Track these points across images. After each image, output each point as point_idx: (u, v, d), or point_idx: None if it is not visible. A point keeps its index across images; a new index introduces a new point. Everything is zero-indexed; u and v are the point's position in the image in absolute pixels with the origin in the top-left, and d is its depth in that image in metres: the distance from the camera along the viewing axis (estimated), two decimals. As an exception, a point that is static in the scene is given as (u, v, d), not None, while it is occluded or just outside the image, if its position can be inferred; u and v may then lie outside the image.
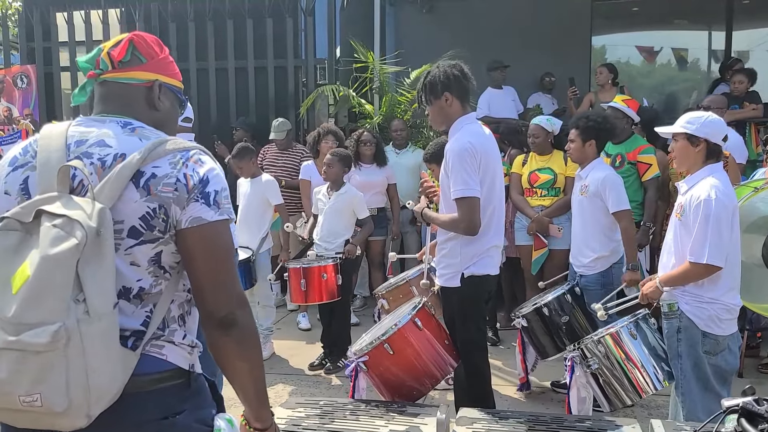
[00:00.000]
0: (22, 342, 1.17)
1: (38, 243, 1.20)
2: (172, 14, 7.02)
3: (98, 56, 1.45)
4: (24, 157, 1.39)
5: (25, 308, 1.17)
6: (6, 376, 1.18)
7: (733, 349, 2.83)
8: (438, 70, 2.96)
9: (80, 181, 1.33)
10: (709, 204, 2.65)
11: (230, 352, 1.39)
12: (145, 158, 1.33)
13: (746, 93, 5.76)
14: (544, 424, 2.53)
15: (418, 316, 3.03)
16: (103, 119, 1.43)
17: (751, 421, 1.30)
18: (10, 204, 1.35)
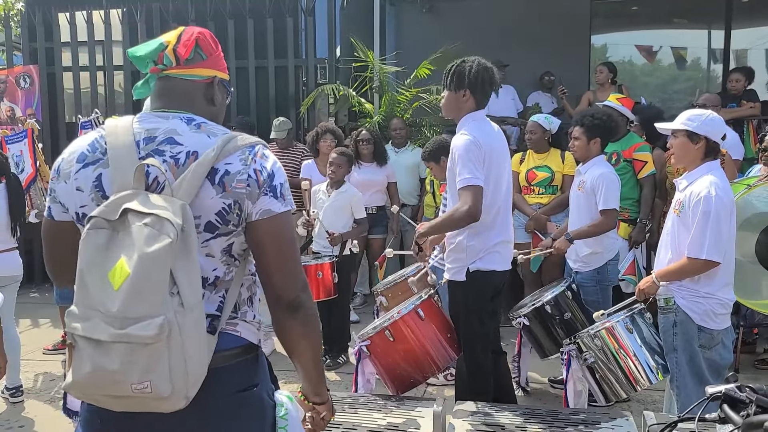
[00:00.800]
0: (130, 335, 1.24)
1: (129, 240, 1.26)
2: (173, 14, 7.07)
3: (161, 51, 1.46)
4: (93, 153, 1.41)
5: (129, 303, 1.24)
6: (118, 366, 1.24)
7: (727, 343, 2.87)
8: (470, 66, 2.96)
9: (155, 179, 1.38)
10: (709, 201, 2.69)
11: (296, 333, 1.48)
12: (218, 156, 1.38)
13: (744, 91, 5.79)
14: (539, 417, 2.57)
15: (421, 307, 3.08)
16: (166, 115, 1.45)
17: (734, 407, 1.33)
18: (83, 200, 1.40)
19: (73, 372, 1.28)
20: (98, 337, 1.25)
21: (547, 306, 3.57)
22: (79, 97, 7.48)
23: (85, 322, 1.26)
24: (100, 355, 1.25)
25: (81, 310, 1.27)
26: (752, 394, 1.31)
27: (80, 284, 1.27)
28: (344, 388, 4.15)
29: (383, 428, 2.46)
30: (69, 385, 1.30)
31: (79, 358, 1.27)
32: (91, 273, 1.26)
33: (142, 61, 1.49)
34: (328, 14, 6.87)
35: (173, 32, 1.51)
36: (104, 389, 1.28)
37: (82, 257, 1.28)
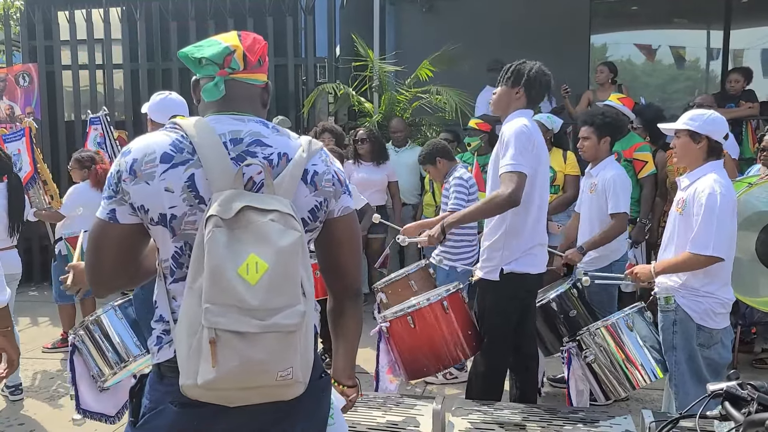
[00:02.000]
0: (278, 324, 1.29)
1: (254, 237, 1.30)
2: (173, 13, 7.07)
3: (228, 55, 1.48)
4: (181, 154, 1.40)
5: (271, 296, 1.29)
6: (267, 356, 1.29)
7: (726, 342, 2.88)
8: (530, 67, 3.00)
9: (250, 179, 1.42)
10: (714, 198, 2.70)
11: (356, 318, 1.65)
12: (309, 157, 1.48)
13: (742, 91, 5.80)
14: (538, 415, 2.57)
15: (448, 299, 3.09)
16: (241, 118, 1.49)
17: (735, 405, 1.34)
18: (173, 201, 1.39)
19: (218, 367, 1.27)
20: (245, 329, 1.27)
21: (552, 304, 3.57)
22: (78, 96, 7.48)
23: (225, 317, 1.27)
24: (249, 346, 1.28)
25: (217, 308, 1.27)
26: (754, 392, 1.31)
27: (213, 282, 1.27)
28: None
29: (383, 426, 2.47)
30: (208, 382, 1.28)
31: (226, 352, 1.27)
32: (225, 270, 1.27)
33: (202, 62, 1.49)
34: (327, 13, 6.87)
35: (230, 35, 1.53)
36: (250, 381, 1.31)
37: (214, 256, 1.28)
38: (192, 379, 1.29)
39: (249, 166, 1.41)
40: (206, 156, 1.39)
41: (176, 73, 7.11)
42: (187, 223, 1.40)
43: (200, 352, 1.28)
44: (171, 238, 1.42)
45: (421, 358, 3.06)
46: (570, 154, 4.74)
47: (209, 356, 1.26)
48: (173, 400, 1.39)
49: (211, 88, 1.49)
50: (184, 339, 1.32)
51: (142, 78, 7.24)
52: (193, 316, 1.31)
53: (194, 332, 1.30)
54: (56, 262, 4.88)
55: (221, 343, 1.27)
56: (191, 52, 1.51)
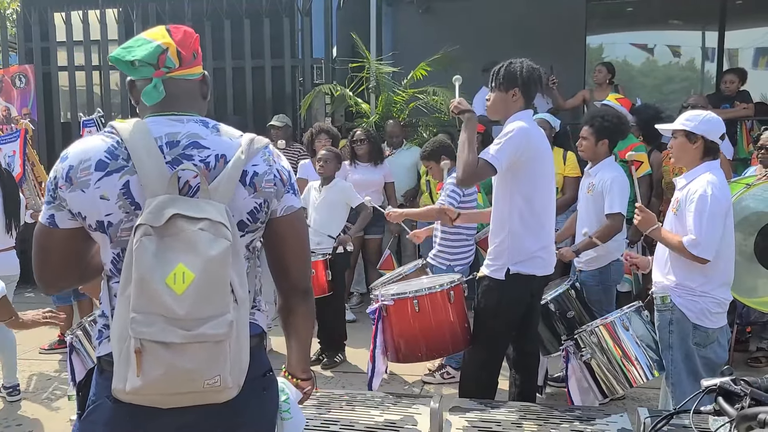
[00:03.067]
0: (205, 334, 1.30)
1: (183, 245, 1.30)
2: (169, 14, 7.07)
3: (161, 54, 1.46)
4: (116, 161, 1.40)
5: (198, 305, 1.30)
6: (194, 365, 1.30)
7: (722, 341, 2.90)
8: (520, 67, 2.97)
9: (186, 183, 1.41)
10: (705, 199, 2.72)
11: (306, 316, 1.64)
12: (248, 158, 1.45)
13: (737, 92, 5.83)
14: (535, 414, 2.59)
15: (454, 290, 3.11)
16: (180, 118, 1.48)
17: (729, 400, 1.35)
18: (108, 208, 1.39)
19: (143, 376, 1.29)
20: (171, 340, 1.28)
21: (550, 304, 3.58)
22: (74, 97, 7.47)
23: (151, 327, 1.28)
24: (174, 356, 1.29)
25: (143, 317, 1.28)
26: (747, 387, 1.33)
27: (140, 292, 1.28)
28: (341, 387, 4.16)
29: (380, 425, 2.47)
30: (135, 390, 1.30)
31: (150, 361, 1.28)
32: (153, 280, 1.28)
33: (136, 64, 1.46)
34: (324, 14, 6.88)
35: (157, 31, 1.50)
36: (176, 388, 1.32)
37: (141, 265, 1.28)
38: (121, 383, 1.31)
39: (185, 171, 1.40)
40: (141, 161, 1.38)
41: (172, 75, 7.10)
42: (123, 230, 1.40)
43: (128, 359, 1.30)
44: (109, 245, 1.43)
45: (419, 343, 3.07)
46: (570, 155, 4.74)
47: (134, 364, 1.29)
48: (109, 394, 1.39)
49: (150, 90, 1.47)
50: (116, 344, 1.34)
51: (139, 79, 7.23)
52: (123, 324, 1.32)
53: (123, 339, 1.31)
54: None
55: (146, 352, 1.28)
56: (121, 54, 1.47)
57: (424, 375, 4.26)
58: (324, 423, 2.47)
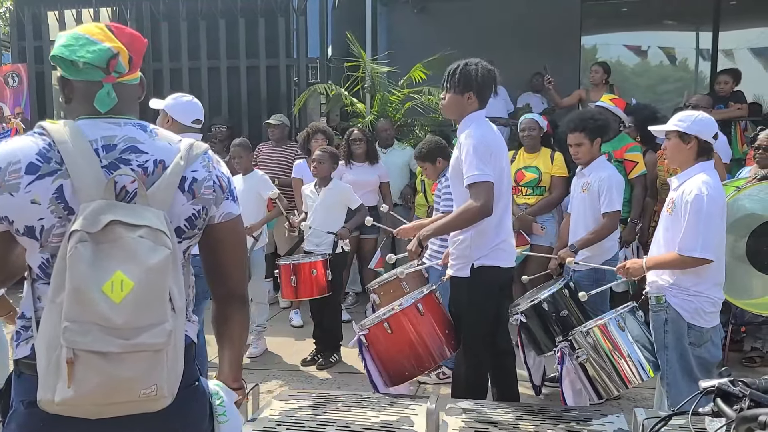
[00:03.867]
0: (145, 344, 1.28)
1: (121, 253, 1.27)
2: (164, 13, 7.04)
3: (111, 58, 1.41)
4: (48, 164, 1.34)
5: (136, 314, 1.27)
6: (132, 374, 1.28)
7: (716, 341, 2.91)
8: (476, 70, 2.98)
9: (122, 188, 1.38)
10: (701, 199, 2.72)
11: (241, 324, 1.63)
12: (187, 163, 1.44)
13: (731, 93, 5.85)
14: (531, 414, 2.59)
15: (422, 301, 3.10)
16: (116, 121, 1.44)
17: (727, 401, 1.35)
18: (40, 213, 1.34)
19: (75, 386, 1.25)
20: (108, 349, 1.26)
21: (544, 303, 3.58)
22: (68, 96, 7.43)
23: (86, 336, 1.24)
24: (111, 366, 1.26)
25: (77, 326, 1.25)
26: (745, 389, 1.33)
27: (75, 300, 1.24)
28: (336, 387, 4.15)
29: (377, 426, 2.47)
30: (66, 400, 1.25)
31: (84, 371, 1.25)
32: (88, 289, 1.24)
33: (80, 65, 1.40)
34: (319, 14, 6.87)
35: (98, 30, 1.44)
36: (112, 398, 1.29)
37: (76, 273, 1.25)
38: (49, 394, 1.27)
39: (122, 176, 1.36)
40: (75, 165, 1.33)
41: (167, 74, 7.08)
42: (54, 236, 1.35)
43: (58, 369, 1.26)
44: (38, 250, 1.38)
45: (403, 362, 3.08)
46: (557, 155, 4.75)
47: (65, 375, 1.24)
48: (23, 399, 1.36)
49: (104, 97, 1.43)
50: (43, 353, 1.29)
51: (133, 78, 7.20)
52: (52, 332, 1.27)
53: (53, 348, 1.27)
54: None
55: (80, 362, 1.25)
56: (63, 53, 1.41)
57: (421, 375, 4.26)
58: (320, 424, 2.46)
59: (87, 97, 1.44)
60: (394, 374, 3.10)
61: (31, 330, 1.40)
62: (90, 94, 1.43)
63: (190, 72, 6.98)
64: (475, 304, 3.06)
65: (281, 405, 2.66)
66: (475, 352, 3.11)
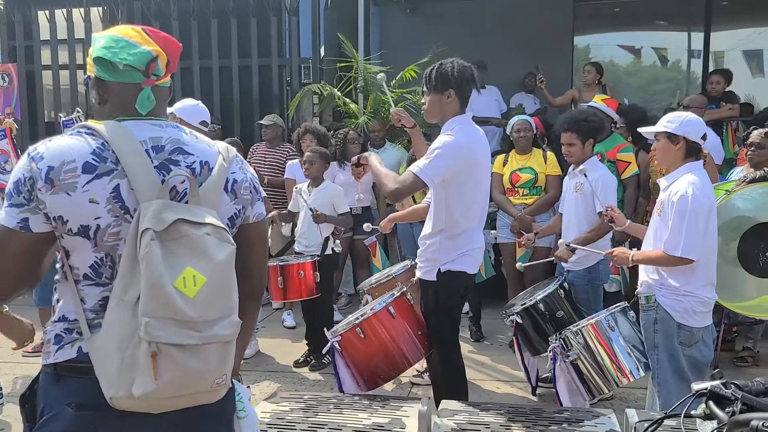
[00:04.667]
0: (217, 335, 1.34)
1: (188, 250, 1.32)
2: (155, 13, 7.01)
3: (151, 61, 1.44)
4: (104, 164, 1.36)
5: (209, 307, 1.33)
6: (207, 366, 1.34)
7: (707, 341, 2.92)
8: (452, 67, 2.95)
9: (173, 188, 1.41)
10: (686, 200, 2.73)
11: (252, 319, 1.69)
12: (228, 165, 1.50)
13: (723, 93, 5.86)
14: (523, 415, 2.58)
15: (392, 305, 3.13)
16: (159, 123, 1.48)
17: (719, 404, 1.34)
18: (97, 212, 1.35)
19: (159, 379, 1.28)
20: (186, 342, 1.30)
21: (540, 304, 3.59)
22: (58, 96, 7.39)
23: (164, 330, 1.28)
24: (189, 358, 1.31)
25: (156, 321, 1.28)
26: (738, 392, 1.32)
27: (152, 296, 1.28)
28: (329, 389, 4.13)
29: (368, 428, 2.45)
30: (148, 394, 1.28)
31: (166, 364, 1.29)
32: (164, 285, 1.28)
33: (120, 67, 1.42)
34: (312, 14, 6.85)
35: (135, 33, 1.46)
36: (188, 389, 1.34)
37: (153, 270, 1.28)
38: (124, 390, 1.29)
39: (177, 176, 1.41)
40: (130, 165, 1.36)
41: (159, 74, 7.04)
42: (110, 235, 1.37)
43: (134, 364, 1.28)
44: (91, 249, 1.38)
45: (378, 366, 3.10)
46: (550, 154, 4.76)
47: (148, 369, 1.27)
48: (70, 402, 1.36)
49: (145, 100, 1.46)
50: (114, 352, 1.30)
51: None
52: (125, 330, 1.30)
53: (126, 346, 1.29)
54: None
55: (164, 355, 1.28)
56: (106, 54, 1.42)
57: (413, 376, 4.25)
58: (311, 426, 2.45)
59: (124, 99, 1.46)
60: (369, 378, 3.12)
61: (75, 332, 1.40)
62: (127, 96, 1.46)
63: (182, 72, 6.95)
64: (443, 306, 3.09)
65: (272, 407, 2.64)
66: (447, 352, 3.14)
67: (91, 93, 1.50)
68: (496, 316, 4.75)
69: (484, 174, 3.07)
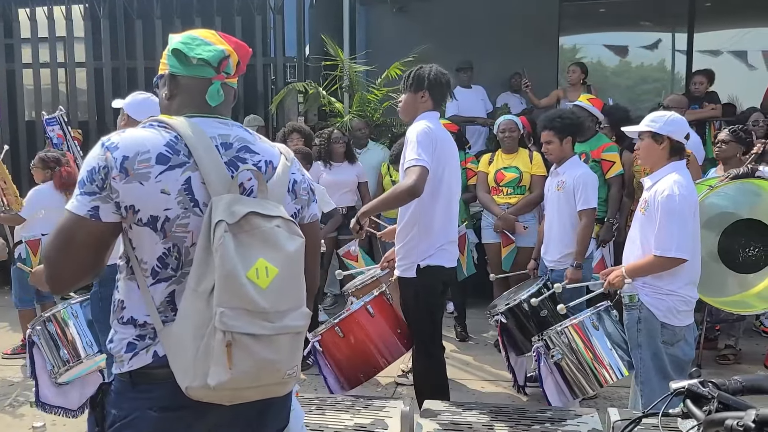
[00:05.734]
0: (289, 326, 1.37)
1: (259, 242, 1.34)
2: (138, 11, 6.93)
3: (225, 59, 1.49)
4: (177, 156, 1.40)
5: (281, 298, 1.35)
6: (280, 356, 1.35)
7: (689, 339, 2.93)
8: (429, 70, 3.09)
9: (240, 184, 1.44)
10: (673, 199, 2.74)
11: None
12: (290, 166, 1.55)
13: (706, 93, 5.91)
14: (506, 415, 2.58)
15: (371, 304, 3.15)
16: (225, 122, 1.53)
17: (696, 403, 1.34)
18: (168, 203, 1.38)
19: (234, 368, 1.30)
20: (260, 332, 1.32)
21: (524, 304, 3.59)
22: (39, 95, 7.29)
23: (238, 320, 1.30)
24: (263, 348, 1.32)
25: (230, 311, 1.30)
26: (714, 390, 1.31)
27: (226, 287, 1.30)
28: (312, 390, 4.11)
29: (350, 429, 2.44)
30: (224, 383, 1.30)
31: (241, 354, 1.30)
32: (239, 275, 1.30)
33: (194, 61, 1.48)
34: (297, 13, 6.81)
35: (209, 35, 1.53)
36: (261, 380, 1.35)
37: (227, 261, 1.30)
38: (200, 380, 1.31)
39: (244, 172, 1.45)
40: (203, 160, 1.40)
41: (142, 72, 6.97)
42: (178, 226, 1.39)
43: (209, 354, 1.30)
44: (160, 240, 1.40)
45: (357, 365, 3.12)
46: (536, 154, 4.76)
47: (222, 358, 1.29)
48: (152, 406, 1.38)
49: (215, 93, 1.51)
50: (189, 341, 1.33)
51: (106, 77, 7.08)
52: (199, 319, 1.32)
53: (201, 335, 1.31)
54: (15, 266, 4.74)
55: (238, 345, 1.30)
56: (183, 48, 1.49)
57: (398, 376, 4.24)
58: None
59: (193, 94, 1.51)
60: (350, 377, 3.13)
61: (148, 338, 1.42)
62: (197, 91, 1.51)
63: (166, 70, 6.87)
64: (422, 302, 3.12)
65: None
66: (427, 349, 3.15)
67: (161, 90, 1.56)
68: (481, 316, 4.75)
69: (454, 165, 3.15)
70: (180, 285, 1.40)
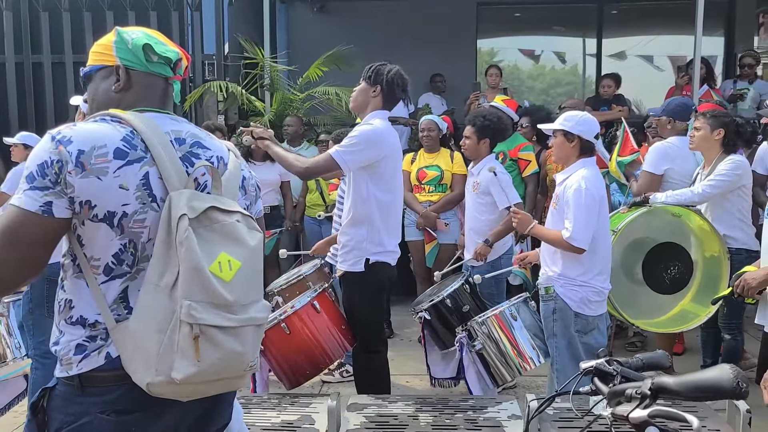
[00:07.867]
0: (254, 318, 1.39)
1: (220, 237, 1.35)
2: (44, 4, 6.58)
3: (179, 60, 1.53)
4: (134, 151, 1.37)
5: (244, 291, 1.37)
6: (244, 348, 1.37)
7: (602, 328, 3.10)
8: (389, 69, 3.12)
9: (195, 179, 1.43)
10: (579, 193, 2.90)
11: None
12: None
13: (614, 96, 6.25)
14: (430, 405, 2.63)
15: (317, 299, 3.11)
16: (175, 118, 1.53)
17: (603, 380, 1.43)
18: (126, 198, 1.35)
19: (201, 361, 1.30)
20: (227, 324, 1.33)
21: (447, 300, 3.66)
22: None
23: (204, 313, 1.30)
24: (230, 340, 1.33)
25: (197, 305, 1.30)
26: (618, 367, 1.42)
27: (192, 280, 1.29)
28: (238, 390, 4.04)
29: (277, 426, 2.42)
30: (190, 376, 1.29)
31: (208, 346, 1.31)
32: (204, 269, 1.30)
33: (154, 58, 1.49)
34: (215, 9, 6.67)
35: (161, 36, 1.54)
36: (227, 372, 1.36)
37: (193, 254, 1.29)
38: (163, 375, 1.29)
39: (198, 167, 1.45)
40: (160, 155, 1.39)
41: (48, 67, 6.62)
42: (135, 222, 1.36)
43: (173, 348, 1.29)
44: (117, 236, 1.36)
45: (302, 363, 3.08)
46: (457, 154, 4.88)
47: (189, 351, 1.29)
48: (105, 410, 1.34)
49: (177, 93, 1.56)
50: (151, 336, 1.30)
51: (9, 71, 6.68)
52: (161, 313, 1.30)
53: (163, 329, 1.30)
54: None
55: (204, 338, 1.30)
56: (151, 41, 1.49)
57: (324, 374, 4.23)
58: (217, 429, 2.38)
59: (149, 91, 1.51)
60: (294, 375, 3.08)
61: (99, 339, 1.37)
62: (153, 88, 1.51)
63: (75, 66, 6.56)
64: (368, 298, 3.12)
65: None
66: (371, 345, 3.16)
67: (102, 82, 1.50)
68: (405, 313, 4.81)
69: (399, 165, 3.19)
70: (134, 281, 1.37)
